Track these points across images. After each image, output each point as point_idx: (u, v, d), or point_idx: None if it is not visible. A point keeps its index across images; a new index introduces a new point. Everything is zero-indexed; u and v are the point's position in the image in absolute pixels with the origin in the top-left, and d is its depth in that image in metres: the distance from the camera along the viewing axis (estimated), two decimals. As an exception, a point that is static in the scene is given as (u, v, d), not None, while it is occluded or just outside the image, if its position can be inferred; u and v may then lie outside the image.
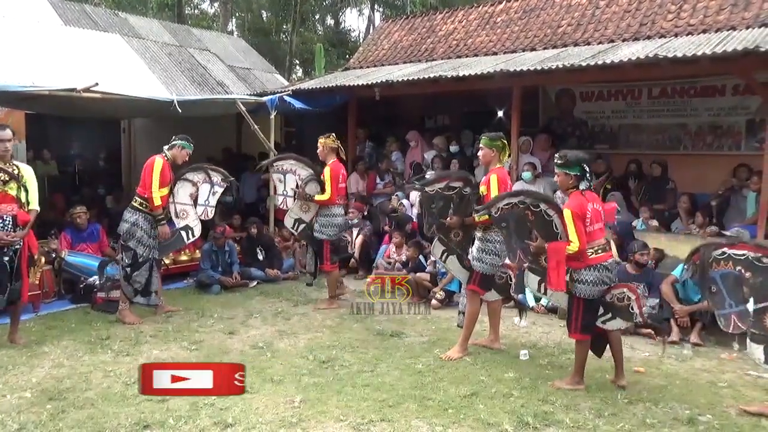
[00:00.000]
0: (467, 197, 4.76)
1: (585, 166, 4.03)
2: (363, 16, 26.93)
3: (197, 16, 25.76)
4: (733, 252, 3.70)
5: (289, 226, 6.31)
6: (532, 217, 4.07)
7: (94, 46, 9.73)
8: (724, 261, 3.71)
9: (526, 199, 4.08)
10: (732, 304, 3.71)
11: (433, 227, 4.89)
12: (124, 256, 5.55)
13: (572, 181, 4.03)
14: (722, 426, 3.56)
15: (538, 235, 4.05)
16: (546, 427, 3.47)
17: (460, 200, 4.77)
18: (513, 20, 9.68)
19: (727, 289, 3.71)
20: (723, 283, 3.72)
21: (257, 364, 4.47)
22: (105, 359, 4.54)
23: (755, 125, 7.25)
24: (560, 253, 3.91)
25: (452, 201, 4.77)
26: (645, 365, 4.65)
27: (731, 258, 3.69)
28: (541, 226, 4.06)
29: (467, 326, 4.76)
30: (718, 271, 3.73)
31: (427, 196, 4.89)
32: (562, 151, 4.15)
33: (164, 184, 5.53)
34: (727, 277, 3.71)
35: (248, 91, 10.42)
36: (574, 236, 3.89)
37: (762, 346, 3.67)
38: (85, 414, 3.58)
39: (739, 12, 7.45)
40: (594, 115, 8.52)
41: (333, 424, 3.48)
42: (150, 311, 5.75)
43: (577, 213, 3.90)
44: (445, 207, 4.80)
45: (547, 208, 4.04)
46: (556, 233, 4.02)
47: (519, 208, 4.09)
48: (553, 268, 3.94)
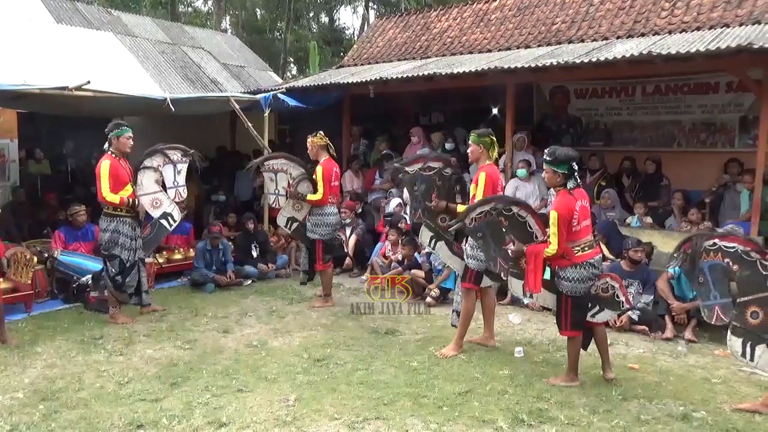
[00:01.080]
0: (449, 178, 4.76)
1: (573, 165, 3.99)
2: (357, 13, 26.91)
3: (191, 14, 25.69)
4: (723, 244, 3.72)
5: (281, 224, 6.27)
6: (506, 222, 4.09)
7: (87, 44, 9.65)
8: (714, 252, 3.74)
9: (497, 205, 4.10)
10: (717, 295, 3.75)
11: (419, 212, 4.89)
12: (110, 265, 5.41)
13: (560, 179, 4.00)
14: (716, 422, 3.57)
15: (514, 239, 4.07)
16: (541, 424, 3.47)
17: (442, 182, 4.78)
18: (507, 17, 9.68)
19: (714, 280, 3.74)
20: (711, 274, 3.75)
21: (251, 362, 4.45)
22: (98, 359, 4.51)
23: (748, 122, 7.27)
24: (538, 256, 3.93)
25: (434, 183, 4.78)
26: (639, 362, 4.66)
27: (721, 250, 3.72)
28: (515, 229, 4.08)
29: (462, 324, 4.75)
30: (707, 262, 3.76)
31: (408, 178, 4.90)
32: (551, 148, 4.10)
33: (123, 183, 5.35)
34: (715, 269, 3.74)
35: (242, 89, 10.37)
36: (554, 238, 3.88)
37: (741, 339, 3.70)
38: (78, 414, 3.56)
39: (732, 9, 7.46)
40: (588, 112, 8.54)
41: (327, 422, 3.46)
42: (140, 309, 5.71)
43: (563, 215, 3.87)
44: (427, 190, 4.80)
45: (518, 210, 4.06)
46: (531, 233, 4.05)
47: (492, 216, 4.11)
48: (530, 271, 3.97)
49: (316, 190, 5.94)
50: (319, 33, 26.15)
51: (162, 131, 8.36)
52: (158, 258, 7.11)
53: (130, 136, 5.44)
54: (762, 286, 3.63)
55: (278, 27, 25.91)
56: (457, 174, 4.83)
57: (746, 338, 3.68)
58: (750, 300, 3.65)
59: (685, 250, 3.84)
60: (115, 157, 5.38)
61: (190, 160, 5.90)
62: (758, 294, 3.63)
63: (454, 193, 4.83)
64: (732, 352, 3.82)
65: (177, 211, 5.79)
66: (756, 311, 3.63)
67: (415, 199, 4.92)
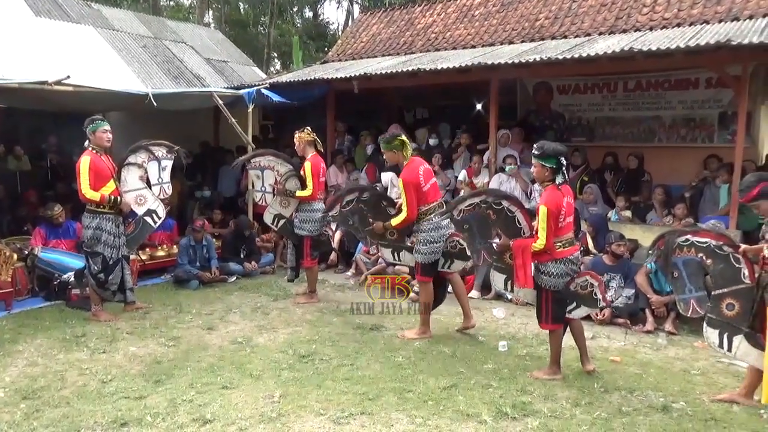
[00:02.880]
0: (374, 201, 5.07)
1: (561, 159, 4.01)
2: (342, 8, 26.80)
3: (172, 8, 25.39)
4: (696, 239, 3.81)
5: (268, 222, 6.23)
6: (494, 216, 4.12)
7: (66, 38, 9.52)
8: (687, 248, 3.83)
9: (487, 198, 4.13)
10: (692, 289, 3.84)
11: (368, 238, 5.20)
12: (93, 263, 5.35)
13: (548, 174, 4.03)
14: (695, 413, 3.63)
15: (501, 233, 4.10)
16: (524, 417, 3.51)
17: (367, 207, 5.08)
18: (491, 13, 9.72)
19: (688, 274, 3.83)
20: (685, 269, 3.84)
21: (236, 359, 4.44)
22: (80, 357, 4.47)
23: (727, 118, 7.39)
24: (526, 250, 3.97)
25: (361, 211, 5.08)
26: (621, 354, 4.72)
27: (694, 245, 3.81)
28: (504, 224, 4.12)
29: (423, 312, 4.99)
30: (681, 258, 3.84)
31: (339, 219, 5.28)
32: (540, 142, 4.13)
33: (105, 178, 5.28)
34: (689, 264, 3.83)
35: (225, 84, 10.30)
36: (543, 233, 3.92)
37: (717, 331, 3.78)
38: (61, 413, 3.53)
39: (712, 6, 7.57)
40: (571, 108, 8.61)
41: (313, 418, 3.47)
42: (122, 308, 5.67)
43: (552, 210, 3.91)
44: (362, 219, 5.12)
45: (509, 204, 4.09)
46: (519, 228, 4.09)
47: (481, 208, 4.15)
48: (519, 266, 4.00)
49: (304, 186, 5.93)
50: (303, 28, 25.99)
51: (144, 127, 8.28)
52: (141, 255, 7.04)
53: (106, 130, 5.33)
54: (735, 279, 3.71)
55: (262, 21, 25.72)
56: (373, 192, 5.17)
57: (723, 329, 3.75)
58: (725, 293, 3.73)
59: (659, 247, 3.92)
60: (96, 152, 5.30)
61: (175, 156, 5.85)
62: (732, 286, 3.70)
63: (384, 209, 5.12)
64: (709, 344, 3.89)
65: (162, 208, 5.73)
66: (731, 303, 3.71)
67: (357, 232, 5.26)
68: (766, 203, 3.59)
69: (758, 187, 3.60)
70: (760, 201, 3.61)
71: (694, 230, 3.92)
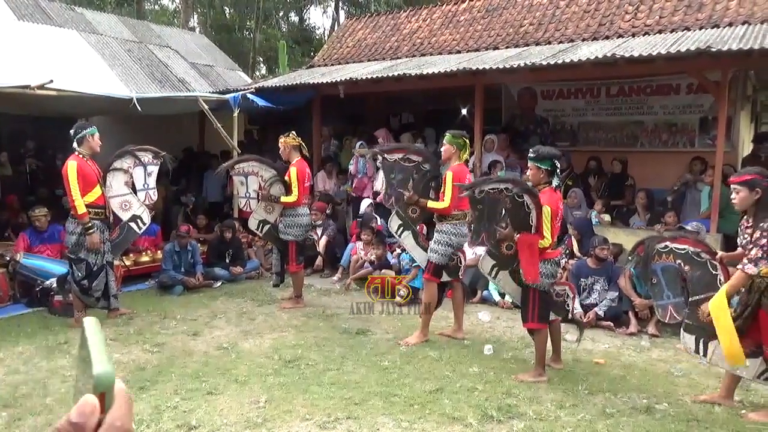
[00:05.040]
0: (426, 174, 4.84)
1: (556, 162, 4.13)
2: (327, 13, 26.84)
3: (157, 12, 25.25)
4: (675, 246, 3.85)
5: (253, 227, 6.19)
6: (509, 205, 4.08)
7: (49, 42, 9.42)
8: (665, 254, 3.87)
9: (513, 188, 4.06)
10: (670, 295, 3.89)
11: (392, 198, 4.97)
12: (76, 269, 5.29)
13: (543, 176, 4.13)
14: (677, 414, 3.68)
15: (509, 223, 4.08)
16: (510, 419, 3.53)
17: (419, 176, 4.87)
18: (476, 19, 9.79)
19: (667, 281, 3.88)
20: (663, 275, 3.90)
21: (221, 365, 4.42)
22: (63, 364, 4.41)
23: (708, 123, 7.52)
24: (534, 246, 4.00)
25: (411, 175, 4.87)
26: (605, 357, 4.77)
27: (673, 252, 3.85)
28: (516, 216, 4.07)
29: (424, 312, 4.94)
30: (660, 264, 3.89)
31: (387, 165, 4.96)
32: (535, 147, 4.25)
33: (92, 184, 5.23)
34: (667, 270, 3.88)
35: (210, 89, 10.25)
36: (548, 233, 3.99)
37: (694, 336, 3.83)
38: (43, 420, 3.48)
39: (692, 13, 7.70)
40: (555, 113, 8.69)
41: (299, 423, 3.46)
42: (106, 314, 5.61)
43: (553, 210, 4.01)
44: (404, 180, 4.89)
45: (530, 200, 4.05)
46: (530, 226, 4.07)
47: (502, 195, 4.08)
48: (527, 261, 4.02)
49: (289, 191, 5.92)
50: (288, 33, 25.97)
51: (129, 131, 8.23)
52: (125, 260, 6.98)
53: (98, 135, 5.35)
54: (712, 285, 3.75)
55: (247, 26, 25.65)
56: (435, 171, 4.90)
57: (699, 335, 3.79)
58: (702, 299, 3.75)
59: (639, 253, 3.97)
60: (83, 157, 5.25)
61: (161, 162, 5.82)
62: (709, 293, 3.73)
63: (428, 189, 4.91)
64: (686, 349, 3.95)
65: (147, 213, 5.70)
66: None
67: (391, 186, 5.00)
68: (745, 192, 3.54)
69: (752, 176, 3.57)
70: (744, 188, 3.54)
71: (672, 237, 3.97)
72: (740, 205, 3.61)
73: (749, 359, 3.62)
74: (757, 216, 3.52)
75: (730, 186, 3.68)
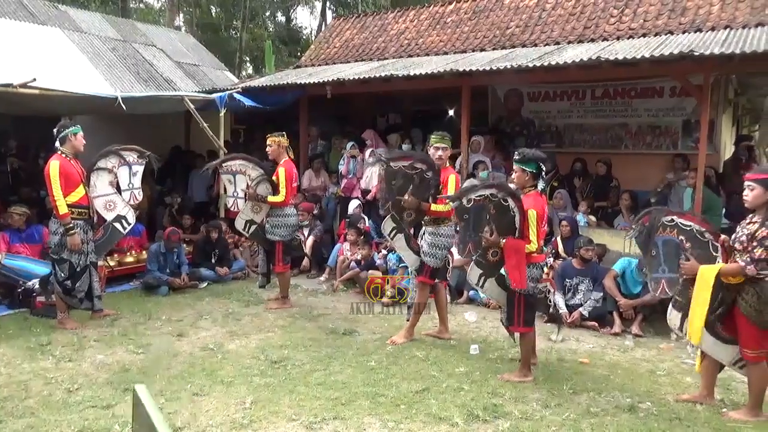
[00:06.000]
0: (428, 181, 4.84)
1: (541, 165, 4.15)
2: (315, 14, 26.77)
3: (142, 11, 25.02)
4: (680, 221, 3.78)
5: (240, 227, 6.17)
6: (493, 211, 4.08)
7: (32, 40, 9.30)
8: (670, 228, 3.81)
9: (498, 192, 4.07)
10: (665, 269, 3.84)
11: (389, 204, 4.96)
12: (59, 269, 5.22)
13: (528, 178, 4.14)
14: (660, 412, 3.72)
15: (494, 229, 4.07)
16: (495, 419, 3.55)
17: (420, 182, 4.86)
18: (463, 21, 9.83)
19: (665, 254, 3.82)
20: (663, 248, 3.83)
21: (207, 366, 4.39)
22: (46, 366, 4.36)
23: (690, 125, 7.62)
24: (521, 251, 4.00)
25: (412, 181, 4.85)
26: (590, 356, 4.82)
27: (677, 226, 3.78)
28: (501, 221, 4.07)
29: (416, 313, 4.95)
30: (662, 237, 3.83)
31: (390, 171, 4.94)
32: (520, 149, 4.27)
33: (75, 184, 5.16)
34: (668, 244, 3.81)
35: (197, 88, 10.18)
36: (534, 236, 4.01)
37: (681, 314, 3.82)
38: (25, 423, 3.44)
39: (676, 17, 7.80)
40: (541, 115, 8.76)
41: (285, 423, 3.45)
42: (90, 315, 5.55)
43: (540, 215, 4.02)
44: (404, 185, 4.87)
45: (513, 204, 4.06)
46: (514, 229, 4.07)
47: (488, 201, 4.08)
48: (514, 266, 4.01)
49: (276, 191, 5.90)
50: (275, 32, 25.88)
51: (113, 131, 8.13)
52: (109, 261, 6.91)
53: (82, 134, 5.29)
54: None
55: (234, 25, 25.52)
56: (437, 179, 4.88)
57: (685, 313, 3.76)
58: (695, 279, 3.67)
59: (643, 223, 3.90)
60: (66, 156, 5.19)
61: (146, 161, 5.77)
62: None
63: (428, 195, 4.89)
64: (671, 326, 3.92)
65: (131, 213, 5.66)
66: None
67: (390, 192, 4.97)
68: (760, 191, 3.51)
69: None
70: (759, 185, 3.51)
71: (680, 212, 3.89)
72: (752, 202, 3.56)
73: (729, 346, 3.67)
74: (765, 215, 3.48)
75: (744, 182, 3.62)
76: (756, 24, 7.00)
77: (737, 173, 6.75)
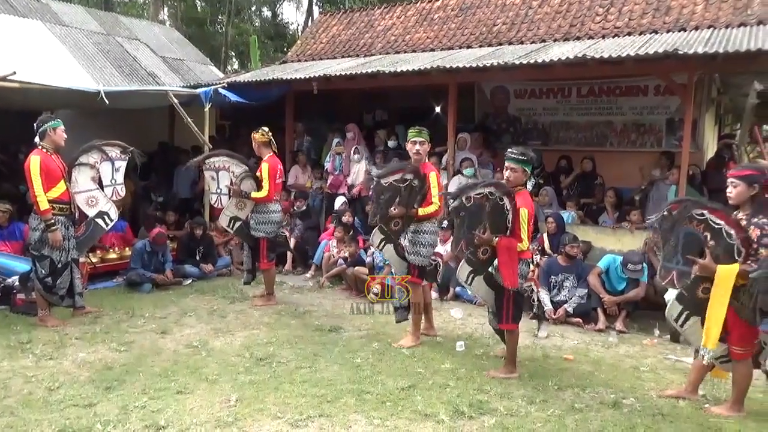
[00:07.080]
0: (415, 189, 4.84)
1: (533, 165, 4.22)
2: (301, 9, 26.64)
3: (126, 4, 24.71)
4: (712, 217, 3.64)
5: (224, 224, 6.11)
6: (489, 209, 4.07)
7: (12, 33, 9.15)
8: (698, 222, 3.68)
9: (496, 191, 4.05)
10: (680, 261, 3.73)
11: (377, 217, 4.95)
12: (40, 266, 5.13)
13: (524, 178, 4.19)
14: (644, 408, 3.75)
15: (487, 228, 4.06)
16: (481, 415, 3.56)
17: (408, 192, 4.86)
18: (450, 17, 9.84)
19: (684, 246, 3.72)
20: (684, 239, 3.72)
21: (191, 363, 4.35)
22: (26, 364, 4.29)
23: (674, 124, 7.70)
24: (513, 249, 4.01)
25: (400, 192, 4.85)
26: (574, 353, 4.85)
27: (707, 222, 3.65)
28: (495, 220, 4.06)
29: (416, 313, 4.91)
30: (686, 228, 3.71)
31: (379, 188, 4.92)
32: (517, 148, 4.24)
33: (56, 179, 5.08)
34: (690, 237, 3.70)
35: (181, 83, 10.10)
36: (525, 235, 4.02)
37: (681, 307, 3.78)
38: (4, 422, 3.37)
39: (660, 16, 7.87)
40: (527, 112, 8.79)
41: (270, 421, 3.43)
42: (71, 313, 5.47)
43: (531, 214, 4.05)
44: (392, 198, 4.87)
45: (508, 203, 4.04)
46: (507, 228, 4.08)
47: (488, 199, 4.06)
48: (506, 265, 4.01)
49: (260, 187, 5.86)
50: (261, 27, 25.72)
51: (96, 125, 8.03)
52: (92, 257, 6.82)
53: (62, 128, 5.19)
54: None
55: (219, 20, 25.32)
56: (422, 184, 4.86)
57: (686, 307, 3.74)
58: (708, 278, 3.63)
59: (671, 210, 3.77)
60: (46, 151, 5.09)
61: (129, 157, 5.69)
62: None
63: (414, 202, 4.88)
64: (668, 315, 3.87)
65: (114, 209, 5.56)
66: (708, 287, 3.62)
67: (379, 206, 4.97)
68: (743, 187, 3.54)
69: (752, 172, 3.58)
70: (742, 182, 3.54)
71: (712, 208, 3.71)
72: (736, 199, 3.59)
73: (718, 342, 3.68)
74: (750, 212, 3.51)
75: (728, 179, 3.62)
76: (739, 24, 7.09)
77: (719, 171, 6.83)
